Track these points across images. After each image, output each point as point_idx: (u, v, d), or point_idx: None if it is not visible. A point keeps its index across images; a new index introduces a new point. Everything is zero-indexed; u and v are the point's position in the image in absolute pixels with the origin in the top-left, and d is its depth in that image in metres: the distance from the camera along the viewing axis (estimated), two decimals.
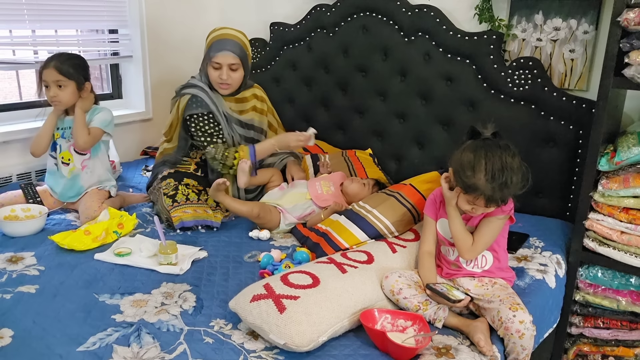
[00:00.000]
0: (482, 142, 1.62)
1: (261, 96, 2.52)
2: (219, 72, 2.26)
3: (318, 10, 2.84)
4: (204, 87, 2.30)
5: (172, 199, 2.20)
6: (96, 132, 2.30)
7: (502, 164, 1.55)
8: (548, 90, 2.25)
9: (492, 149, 1.59)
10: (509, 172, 1.55)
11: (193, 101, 2.27)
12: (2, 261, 1.86)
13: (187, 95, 2.28)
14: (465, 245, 1.67)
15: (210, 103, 2.28)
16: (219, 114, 2.29)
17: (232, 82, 2.30)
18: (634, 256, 1.86)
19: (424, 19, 2.50)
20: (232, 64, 2.26)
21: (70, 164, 2.32)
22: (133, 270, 1.84)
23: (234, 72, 2.28)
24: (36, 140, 2.29)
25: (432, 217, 1.78)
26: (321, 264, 1.69)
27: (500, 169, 1.55)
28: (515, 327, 1.47)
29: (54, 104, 2.25)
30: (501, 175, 1.54)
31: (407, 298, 1.61)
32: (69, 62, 2.22)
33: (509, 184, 1.54)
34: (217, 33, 2.29)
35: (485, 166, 1.56)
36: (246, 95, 2.43)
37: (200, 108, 2.26)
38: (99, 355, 1.38)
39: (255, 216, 2.14)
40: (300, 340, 1.39)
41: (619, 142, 1.92)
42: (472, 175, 1.57)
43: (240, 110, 2.40)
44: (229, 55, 2.25)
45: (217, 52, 2.24)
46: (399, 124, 2.67)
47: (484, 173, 1.55)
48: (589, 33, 2.22)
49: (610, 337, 2.01)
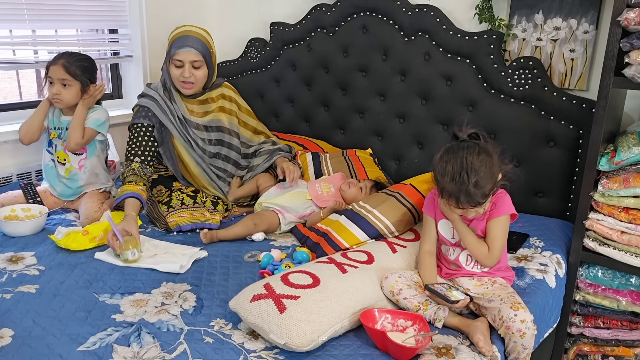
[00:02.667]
0: (450, 146, 1.64)
1: (229, 96, 2.45)
2: (181, 70, 2.19)
3: (318, 10, 2.84)
4: (156, 96, 2.26)
5: (167, 205, 2.19)
6: (88, 132, 2.30)
7: (460, 164, 1.57)
8: (548, 90, 2.25)
9: (455, 150, 1.61)
10: (467, 171, 1.55)
11: (139, 111, 2.25)
12: (2, 261, 1.86)
13: (137, 107, 2.28)
14: (482, 254, 1.67)
15: (161, 113, 2.24)
16: (171, 123, 2.25)
17: (195, 81, 2.23)
18: (634, 256, 1.86)
19: (424, 18, 2.50)
20: (194, 61, 2.19)
21: (66, 164, 2.32)
22: (133, 270, 1.84)
23: (196, 70, 2.22)
24: (26, 127, 2.30)
25: (431, 216, 1.78)
26: (321, 263, 1.69)
27: (459, 169, 1.56)
28: (516, 327, 1.47)
29: (55, 101, 2.26)
30: (459, 175, 1.56)
31: (407, 298, 1.61)
32: (77, 63, 2.23)
33: (467, 182, 1.55)
34: (178, 30, 2.24)
35: (446, 168, 1.59)
36: (212, 95, 2.37)
37: (143, 119, 2.23)
38: (99, 355, 1.38)
39: (252, 229, 2.12)
40: (300, 340, 1.39)
41: (619, 142, 1.92)
42: (440, 179, 1.60)
43: (204, 111, 2.34)
44: (190, 52, 2.18)
45: (178, 49, 2.18)
46: (399, 124, 2.67)
47: (446, 175, 1.58)
48: (589, 33, 2.22)
49: (610, 337, 2.01)
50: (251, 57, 3.11)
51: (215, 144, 2.36)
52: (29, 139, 2.31)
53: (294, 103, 3.02)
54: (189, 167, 2.32)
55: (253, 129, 2.57)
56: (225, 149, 2.41)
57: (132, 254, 1.86)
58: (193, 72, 2.22)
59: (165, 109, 2.26)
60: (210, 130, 2.36)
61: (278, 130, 2.99)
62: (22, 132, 2.31)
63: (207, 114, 2.36)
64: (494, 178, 1.60)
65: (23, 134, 2.30)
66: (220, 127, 2.38)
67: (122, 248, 1.86)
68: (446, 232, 1.75)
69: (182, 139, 2.28)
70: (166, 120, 2.25)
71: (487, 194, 1.59)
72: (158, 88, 2.30)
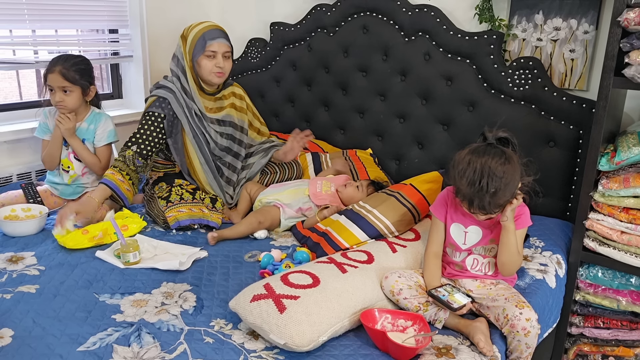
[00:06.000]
0: (476, 147, 1.59)
1: (240, 94, 2.53)
2: (215, 60, 2.27)
3: (318, 10, 2.84)
4: (174, 89, 2.29)
5: (166, 200, 2.20)
6: (106, 151, 2.34)
7: (482, 170, 1.51)
8: (548, 90, 2.25)
9: (480, 153, 1.55)
10: (487, 179, 1.50)
11: (156, 101, 2.27)
12: (3, 261, 1.86)
13: (154, 97, 2.29)
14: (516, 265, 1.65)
15: (177, 106, 2.27)
16: (188, 116, 2.28)
17: (225, 71, 2.31)
18: (634, 256, 1.86)
19: (424, 18, 2.50)
20: (226, 51, 2.29)
21: (70, 171, 2.33)
22: (133, 270, 1.84)
23: (226, 61, 2.30)
24: (48, 158, 2.32)
25: (440, 218, 1.73)
26: (321, 263, 1.69)
27: (479, 175, 1.51)
28: (521, 325, 1.47)
29: (60, 108, 2.26)
30: (478, 182, 1.51)
31: (407, 298, 1.60)
32: (74, 68, 2.23)
33: (485, 191, 1.50)
34: (203, 26, 2.30)
35: (466, 170, 1.54)
36: (225, 93, 2.45)
37: (157, 108, 2.26)
38: (99, 355, 1.38)
39: (257, 227, 2.14)
40: (300, 340, 1.39)
41: (619, 142, 1.92)
42: (458, 180, 1.56)
43: (218, 107, 2.40)
44: (223, 43, 2.28)
45: (212, 40, 2.26)
46: (399, 124, 2.67)
47: (465, 178, 1.54)
48: (589, 33, 2.22)
49: (610, 337, 2.01)
50: (251, 57, 3.11)
51: (227, 137, 2.41)
52: (54, 166, 2.34)
53: (294, 103, 3.02)
54: (193, 162, 2.33)
55: (257, 130, 2.60)
56: (236, 146, 2.45)
57: (134, 256, 1.86)
58: (224, 62, 2.29)
59: (182, 102, 2.29)
60: (223, 125, 2.40)
61: (278, 130, 2.99)
62: (47, 164, 2.34)
63: (222, 109, 2.41)
64: (513, 191, 1.54)
65: (49, 166, 2.34)
66: (232, 123, 2.43)
67: (123, 250, 1.86)
68: (458, 237, 1.71)
69: (192, 134, 2.30)
70: (181, 114, 2.28)
71: (501, 205, 1.55)
72: (175, 82, 2.32)
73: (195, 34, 2.28)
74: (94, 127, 2.33)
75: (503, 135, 1.61)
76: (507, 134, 1.61)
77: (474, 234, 1.69)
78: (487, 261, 1.71)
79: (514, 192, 1.55)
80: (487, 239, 1.68)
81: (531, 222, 1.68)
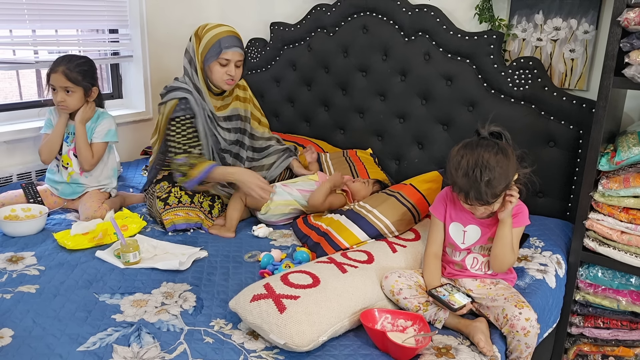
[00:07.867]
0: (469, 141, 1.62)
1: (243, 85, 2.51)
2: (226, 68, 2.24)
3: (318, 10, 2.84)
4: (189, 88, 2.28)
5: (164, 202, 2.20)
6: (100, 148, 2.32)
7: (476, 160, 1.55)
8: (548, 90, 2.25)
9: (473, 146, 1.59)
10: (481, 168, 1.53)
11: (180, 104, 2.25)
12: (2, 261, 1.86)
13: (174, 100, 2.26)
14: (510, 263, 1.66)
15: (196, 105, 2.26)
16: (203, 117, 2.28)
17: (235, 79, 2.30)
18: (634, 256, 1.86)
19: (424, 18, 2.50)
20: (239, 60, 2.27)
21: (69, 168, 2.32)
22: (133, 270, 1.84)
23: (237, 69, 2.28)
24: (47, 148, 2.30)
25: (439, 218, 1.74)
26: (321, 263, 1.69)
27: (473, 165, 1.54)
28: (521, 325, 1.47)
29: (61, 108, 2.26)
30: (472, 171, 1.54)
31: (407, 298, 1.61)
32: (77, 69, 2.23)
33: (480, 180, 1.53)
34: (220, 30, 2.25)
35: (461, 162, 1.57)
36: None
37: (184, 111, 2.25)
38: (99, 355, 1.38)
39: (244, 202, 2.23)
40: (300, 340, 1.39)
41: (619, 142, 1.92)
42: (454, 172, 1.58)
43: (225, 105, 2.39)
44: (237, 52, 2.25)
45: (228, 48, 2.22)
46: (399, 124, 2.67)
47: (460, 169, 1.56)
48: (589, 33, 2.22)
49: (610, 337, 2.01)
50: (251, 57, 3.11)
51: (235, 131, 2.41)
52: (52, 159, 2.32)
53: (294, 103, 3.02)
54: None
55: (258, 120, 2.58)
56: (244, 137, 2.46)
57: (134, 256, 1.86)
58: (235, 71, 2.27)
59: (199, 102, 2.28)
60: (230, 120, 2.40)
61: (278, 130, 2.99)
62: (44, 155, 2.30)
63: (228, 106, 2.40)
64: (508, 180, 1.57)
65: (46, 157, 2.31)
66: (238, 116, 2.43)
67: (123, 250, 1.86)
68: (457, 236, 1.72)
69: (204, 134, 2.29)
70: (199, 113, 2.27)
71: (497, 194, 1.56)
72: (188, 82, 2.31)
73: (211, 38, 2.24)
74: (95, 124, 2.33)
75: (495, 130, 1.65)
76: (499, 128, 1.65)
77: (472, 233, 1.70)
78: (486, 260, 1.71)
79: (509, 182, 1.58)
80: (485, 238, 1.69)
81: (529, 222, 1.69)
